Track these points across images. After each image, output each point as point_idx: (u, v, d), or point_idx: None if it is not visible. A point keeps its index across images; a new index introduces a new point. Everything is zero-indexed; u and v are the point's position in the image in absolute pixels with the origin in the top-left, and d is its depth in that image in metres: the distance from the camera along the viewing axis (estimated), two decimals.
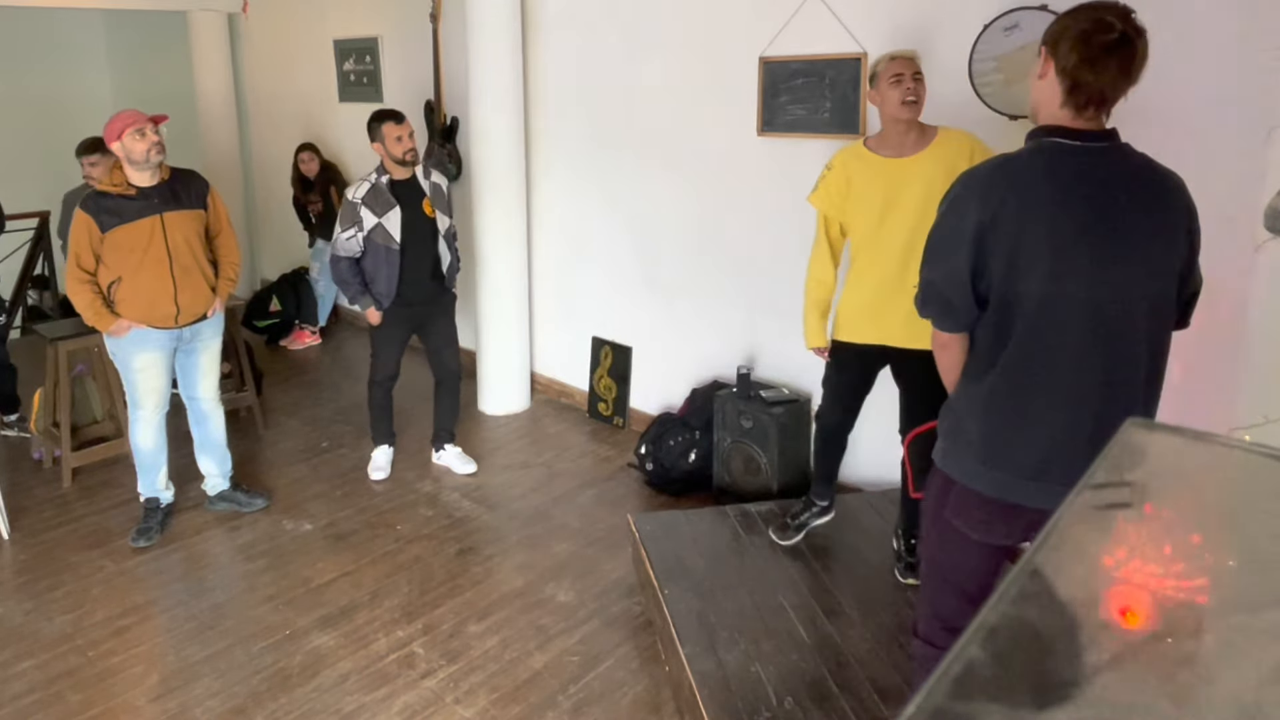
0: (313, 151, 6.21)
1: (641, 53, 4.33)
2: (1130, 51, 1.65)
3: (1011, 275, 1.70)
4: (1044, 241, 1.67)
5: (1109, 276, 1.68)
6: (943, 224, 1.80)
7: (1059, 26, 1.70)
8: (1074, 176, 1.69)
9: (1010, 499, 1.79)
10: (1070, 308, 1.68)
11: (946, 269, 1.77)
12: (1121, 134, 1.78)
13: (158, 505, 3.79)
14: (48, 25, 8.22)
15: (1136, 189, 1.72)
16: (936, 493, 1.92)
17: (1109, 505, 0.92)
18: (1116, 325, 1.70)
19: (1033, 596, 0.77)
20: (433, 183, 3.95)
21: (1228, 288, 2.70)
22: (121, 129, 3.30)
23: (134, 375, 3.56)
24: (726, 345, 4.24)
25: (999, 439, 1.79)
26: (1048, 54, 1.72)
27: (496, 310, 4.92)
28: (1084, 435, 1.72)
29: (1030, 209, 1.68)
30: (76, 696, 2.79)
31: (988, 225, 1.69)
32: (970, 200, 1.73)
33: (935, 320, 1.86)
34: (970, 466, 1.83)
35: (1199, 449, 0.93)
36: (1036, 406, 1.74)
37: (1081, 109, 1.69)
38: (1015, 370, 1.75)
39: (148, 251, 3.40)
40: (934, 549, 1.98)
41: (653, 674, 2.86)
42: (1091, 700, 0.72)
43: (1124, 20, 1.66)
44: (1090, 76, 1.65)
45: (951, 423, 1.88)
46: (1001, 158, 1.79)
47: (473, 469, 4.29)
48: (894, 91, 2.72)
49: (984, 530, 1.84)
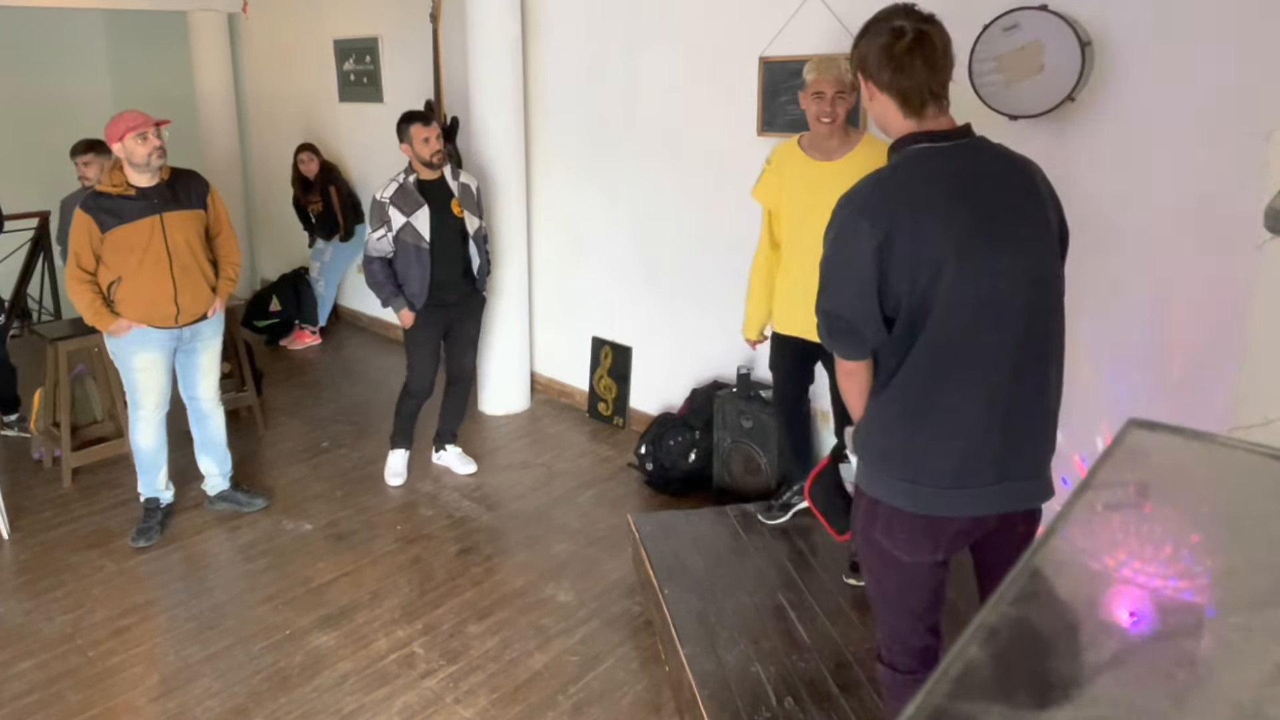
0: (313, 152, 6.21)
1: (641, 53, 4.33)
2: (930, 44, 1.69)
3: (915, 287, 1.66)
4: (940, 246, 1.65)
5: (1003, 268, 1.68)
6: (835, 254, 1.75)
7: (861, 50, 1.75)
8: (951, 176, 1.70)
9: (935, 512, 1.76)
10: (973, 305, 1.67)
11: (849, 298, 1.72)
12: (1122, 134, 1.78)
13: (158, 505, 3.79)
14: (48, 25, 8.22)
15: (1005, 179, 1.75)
16: (864, 516, 1.88)
17: (1109, 505, 0.92)
18: (1017, 315, 1.70)
19: (1033, 596, 0.77)
20: (461, 183, 3.97)
21: (1228, 288, 2.70)
22: (124, 131, 3.29)
23: (134, 375, 3.57)
24: (726, 345, 4.24)
25: (914, 449, 1.75)
26: (863, 78, 1.76)
27: (496, 310, 4.92)
28: (996, 431, 1.71)
29: (920, 218, 1.66)
30: (76, 696, 2.79)
31: (884, 244, 1.65)
32: (859, 223, 1.69)
33: (843, 350, 1.80)
34: (890, 484, 1.79)
35: (1199, 449, 0.93)
36: (947, 409, 1.72)
37: (920, 111, 1.72)
38: (921, 376, 1.72)
39: (147, 252, 3.40)
40: (875, 573, 1.93)
41: (653, 674, 2.86)
42: (1091, 700, 0.72)
43: (910, 18, 1.71)
44: (909, 81, 1.69)
45: (863, 442, 1.85)
46: (873, 176, 1.76)
47: (473, 469, 4.29)
48: (813, 106, 2.93)
49: (913, 550, 1.80)
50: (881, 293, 1.69)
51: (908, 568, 1.83)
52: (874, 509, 1.84)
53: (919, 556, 1.81)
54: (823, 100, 2.90)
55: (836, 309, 1.76)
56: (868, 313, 1.71)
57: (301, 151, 6.22)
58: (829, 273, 1.77)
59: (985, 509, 1.77)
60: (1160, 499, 0.96)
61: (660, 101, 4.30)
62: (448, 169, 3.93)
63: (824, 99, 2.90)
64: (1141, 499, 0.96)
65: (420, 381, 4.07)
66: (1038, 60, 2.81)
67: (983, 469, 1.72)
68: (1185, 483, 0.97)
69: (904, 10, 1.73)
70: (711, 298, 4.27)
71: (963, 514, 1.75)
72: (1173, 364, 2.83)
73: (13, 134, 7.93)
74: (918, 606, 1.89)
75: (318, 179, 6.19)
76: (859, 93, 2.87)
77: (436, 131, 3.82)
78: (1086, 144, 2.92)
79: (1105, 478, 0.90)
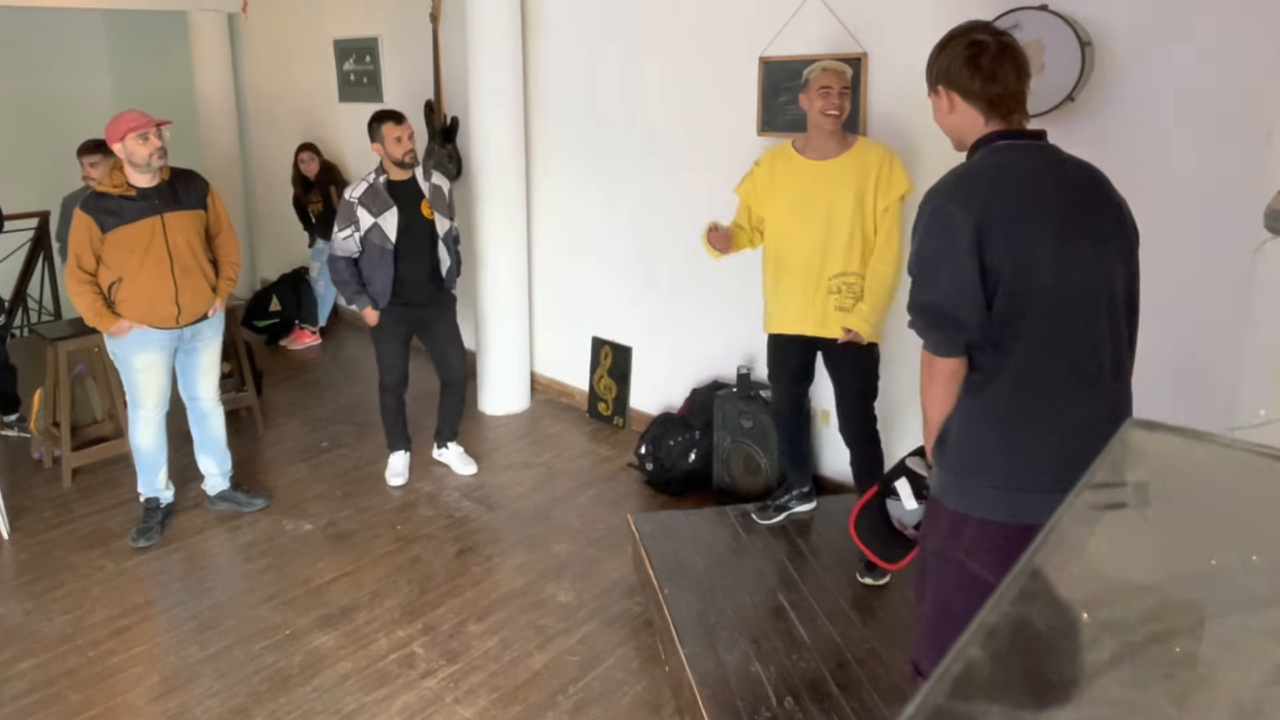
0: (313, 151, 6.21)
1: (641, 53, 4.33)
2: (1016, 53, 1.73)
3: (1014, 277, 1.63)
4: (1035, 236, 1.63)
5: (1098, 263, 1.68)
6: (929, 242, 1.69)
7: (942, 63, 1.77)
8: (1037, 165, 1.71)
9: (1039, 520, 1.68)
10: (1074, 298, 1.66)
11: (948, 285, 1.66)
12: (1122, 134, 1.79)
13: (158, 505, 3.79)
14: (48, 25, 8.22)
15: (1086, 178, 1.76)
16: (944, 532, 1.77)
17: (1109, 505, 0.92)
18: (1110, 311, 1.70)
19: (1033, 596, 0.77)
20: (433, 184, 3.94)
21: (1228, 288, 2.70)
22: (125, 131, 3.29)
23: (135, 375, 3.57)
24: (726, 345, 4.24)
25: (1020, 451, 1.68)
26: (945, 90, 1.78)
27: (496, 310, 4.92)
28: (1102, 423, 1.62)
29: (1016, 204, 1.65)
30: (76, 696, 2.79)
31: (981, 225, 1.62)
32: (953, 207, 1.65)
33: (942, 345, 1.71)
34: (984, 494, 1.70)
35: (1199, 449, 0.93)
36: (1051, 408, 1.66)
37: (1007, 116, 1.74)
38: (1025, 373, 1.66)
39: (148, 252, 3.40)
40: (943, 592, 1.81)
41: (653, 674, 2.86)
42: (1091, 700, 0.72)
43: (989, 32, 1.74)
44: (999, 87, 1.71)
45: (952, 450, 1.75)
46: (962, 167, 1.74)
47: (473, 470, 4.29)
48: (819, 101, 2.96)
49: (1000, 567, 1.64)
50: (982, 276, 1.64)
51: (984, 589, 1.69)
52: (961, 526, 1.73)
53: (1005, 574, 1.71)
54: (830, 94, 2.94)
55: (934, 300, 1.69)
56: (971, 299, 1.64)
57: (302, 151, 6.22)
58: (922, 264, 1.71)
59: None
60: (1160, 499, 0.96)
61: (660, 101, 4.30)
62: (419, 170, 3.92)
63: (831, 93, 2.94)
64: (1141, 499, 0.96)
65: (391, 374, 4.06)
66: (1038, 60, 2.81)
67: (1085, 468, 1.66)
68: (1185, 483, 0.97)
69: (981, 25, 1.77)
70: (711, 298, 4.27)
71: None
72: (1173, 364, 2.83)
73: (13, 134, 7.94)
74: None
75: (318, 179, 6.19)
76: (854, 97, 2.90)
77: (409, 131, 3.79)
78: (1086, 144, 2.90)
79: (1105, 477, 0.90)
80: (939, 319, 1.69)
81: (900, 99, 3.38)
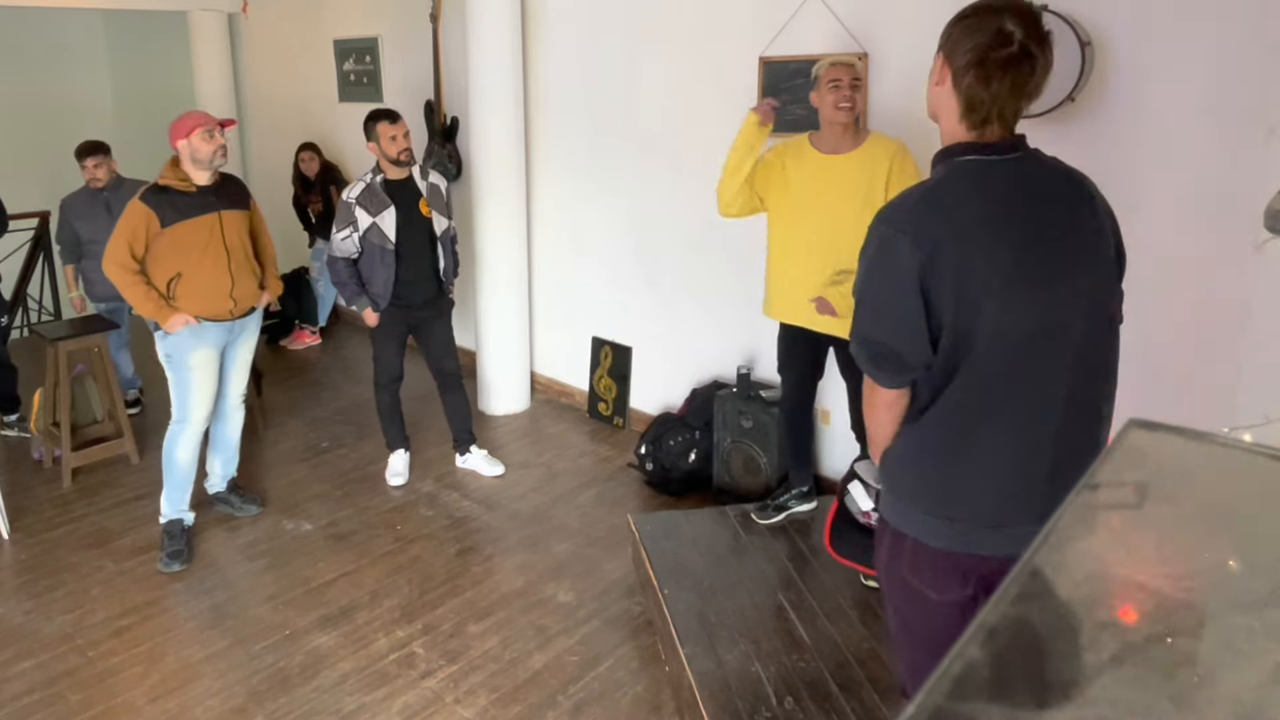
0: (313, 151, 6.21)
1: (641, 52, 4.33)
2: (1028, 67, 1.51)
3: (959, 314, 1.52)
4: (987, 271, 1.50)
5: (1054, 297, 1.54)
6: (873, 276, 1.59)
7: (957, 32, 1.55)
8: (1000, 195, 1.55)
9: (969, 550, 1.62)
10: (1021, 337, 1.53)
11: (890, 321, 1.57)
12: (1121, 134, 1.76)
13: (181, 527, 3.64)
14: (48, 25, 8.22)
15: (1060, 197, 1.60)
16: (889, 551, 1.74)
17: (1109, 505, 0.92)
18: (1069, 348, 1.57)
19: (1033, 596, 0.77)
20: (430, 183, 3.94)
21: (1228, 288, 2.70)
22: (191, 128, 3.34)
23: (188, 375, 3.51)
24: (726, 345, 4.24)
25: (952, 485, 1.62)
26: (943, 58, 1.58)
27: (496, 310, 4.92)
28: (1042, 471, 1.58)
29: (966, 239, 1.51)
30: (76, 696, 2.79)
31: (927, 264, 1.50)
32: (899, 242, 1.53)
33: (886, 378, 1.63)
34: (920, 519, 1.66)
35: (1199, 449, 0.93)
36: (990, 446, 1.59)
37: (980, 126, 1.57)
38: (962, 409, 1.58)
39: (207, 248, 3.43)
40: (900, 610, 1.79)
41: (653, 674, 2.86)
42: (1091, 700, 0.72)
43: (1026, 27, 1.50)
44: (984, 95, 1.53)
45: (893, 475, 1.71)
46: (918, 189, 1.61)
47: (500, 470, 4.26)
48: (831, 95, 2.95)
49: (941, 587, 1.67)
50: (926, 315, 1.54)
51: (935, 605, 1.69)
52: (900, 544, 1.71)
53: (948, 594, 1.67)
54: (840, 87, 2.93)
55: (877, 335, 1.60)
56: (912, 337, 1.55)
57: (303, 151, 6.22)
58: (867, 294, 1.61)
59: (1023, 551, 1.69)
60: (1160, 499, 0.96)
61: (660, 101, 4.30)
62: (416, 169, 3.91)
63: (841, 86, 2.93)
64: (1141, 499, 0.96)
65: (386, 372, 4.07)
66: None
67: (1025, 510, 1.59)
68: (1185, 483, 0.97)
69: (1021, 11, 1.50)
70: (711, 298, 4.27)
71: (998, 554, 1.60)
72: (1173, 364, 2.83)
73: (13, 134, 7.93)
74: (947, 644, 1.79)
75: (318, 179, 6.20)
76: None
77: (404, 129, 3.79)
78: (1086, 144, 2.92)
79: (1105, 477, 0.90)
80: (884, 357, 1.62)
81: (901, 99, 3.38)
